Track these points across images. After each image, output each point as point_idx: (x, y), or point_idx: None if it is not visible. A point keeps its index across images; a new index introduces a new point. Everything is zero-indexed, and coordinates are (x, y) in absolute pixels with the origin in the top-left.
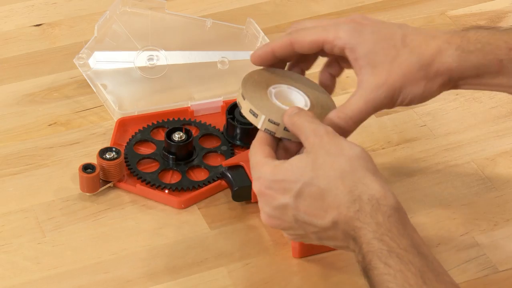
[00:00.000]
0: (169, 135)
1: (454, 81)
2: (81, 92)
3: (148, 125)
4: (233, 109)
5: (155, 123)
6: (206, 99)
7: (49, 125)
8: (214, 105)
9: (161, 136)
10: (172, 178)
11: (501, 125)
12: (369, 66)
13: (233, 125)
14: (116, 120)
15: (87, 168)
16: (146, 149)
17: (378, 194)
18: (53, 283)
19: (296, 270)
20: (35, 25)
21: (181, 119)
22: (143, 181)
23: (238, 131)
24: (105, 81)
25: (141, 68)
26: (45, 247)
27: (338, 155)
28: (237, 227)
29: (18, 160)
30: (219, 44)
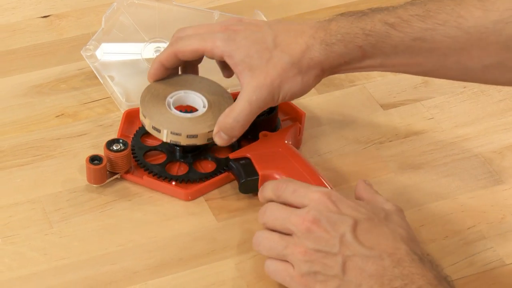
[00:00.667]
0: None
1: (327, 70)
2: (88, 83)
3: None
4: None
5: None
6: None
7: (57, 117)
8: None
9: None
10: (179, 170)
11: (509, 118)
12: (247, 69)
13: None
14: (123, 111)
15: (94, 159)
16: (153, 141)
17: None
18: (60, 274)
19: None
20: (42, 17)
21: (188, 111)
22: (150, 173)
23: None
24: (112, 72)
25: (148, 60)
26: (52, 238)
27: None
28: (244, 219)
29: (25, 151)
30: None
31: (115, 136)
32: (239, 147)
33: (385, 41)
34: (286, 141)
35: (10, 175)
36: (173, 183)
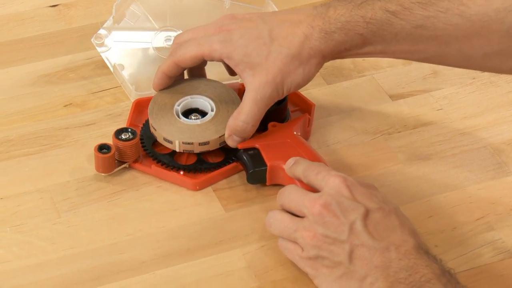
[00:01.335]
0: (185, 117)
1: (327, 57)
2: (98, 73)
3: None
4: None
5: None
6: (222, 81)
7: (65, 106)
8: (231, 87)
9: None
10: (187, 159)
11: None
12: (248, 68)
13: None
14: (133, 101)
15: (103, 148)
16: None
17: None
18: (68, 264)
19: None
20: (51, 6)
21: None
22: (158, 162)
23: None
24: (122, 61)
25: (158, 48)
26: (60, 227)
27: None
28: (252, 209)
29: (33, 140)
30: None
31: (124, 125)
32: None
33: (386, 28)
34: (294, 132)
35: (18, 164)
36: (182, 172)
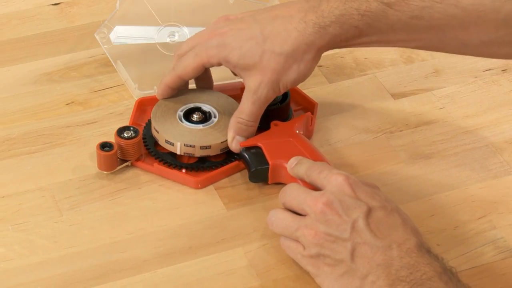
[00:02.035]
0: (187, 116)
1: (322, 50)
2: (100, 71)
3: None
4: None
5: None
6: (225, 80)
7: (67, 104)
8: (233, 86)
9: None
10: (189, 158)
11: None
12: (245, 70)
13: None
14: (135, 98)
15: (105, 146)
16: None
17: None
18: (70, 262)
19: None
20: (53, 4)
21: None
22: (160, 161)
23: None
24: (125, 57)
25: (161, 44)
26: (62, 226)
27: None
28: (254, 208)
29: (35, 139)
30: None
31: (126, 124)
32: None
33: (382, 20)
34: (297, 131)
35: (20, 162)
36: (184, 171)
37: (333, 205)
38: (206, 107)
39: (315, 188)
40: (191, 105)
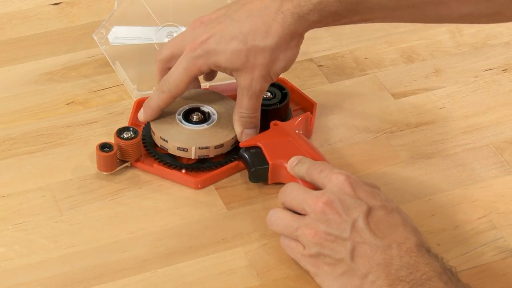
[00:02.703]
0: (186, 116)
1: (305, 33)
2: (99, 71)
3: None
4: None
5: None
6: (224, 80)
7: (67, 104)
8: (232, 86)
9: None
10: (189, 158)
11: None
12: (234, 71)
13: None
14: (135, 100)
15: (104, 147)
16: None
17: None
18: (70, 262)
19: None
20: (53, 4)
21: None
22: (160, 161)
23: None
24: (123, 57)
25: (160, 44)
26: (62, 225)
27: None
28: (254, 207)
29: (36, 138)
30: None
31: (126, 124)
32: None
33: (361, 3)
34: (296, 131)
35: (20, 162)
36: (183, 171)
37: (333, 204)
38: (203, 107)
39: (315, 187)
40: (187, 107)
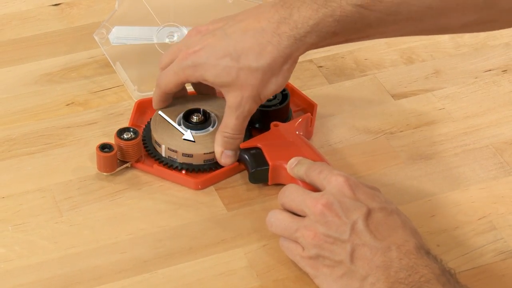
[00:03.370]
0: (186, 117)
1: (299, 56)
2: (100, 72)
3: None
4: None
5: None
6: None
7: (67, 105)
8: None
9: None
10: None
11: None
12: (223, 88)
13: None
14: (135, 100)
15: (105, 147)
16: None
17: None
18: (70, 263)
19: None
20: (53, 5)
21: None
22: (160, 162)
23: (256, 113)
24: (124, 57)
25: (160, 45)
26: (62, 226)
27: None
28: (254, 208)
29: (35, 139)
30: None
31: (126, 125)
32: (250, 137)
33: (358, 22)
34: (297, 132)
35: (20, 163)
36: (183, 172)
37: (333, 206)
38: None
39: (314, 188)
40: (181, 115)
